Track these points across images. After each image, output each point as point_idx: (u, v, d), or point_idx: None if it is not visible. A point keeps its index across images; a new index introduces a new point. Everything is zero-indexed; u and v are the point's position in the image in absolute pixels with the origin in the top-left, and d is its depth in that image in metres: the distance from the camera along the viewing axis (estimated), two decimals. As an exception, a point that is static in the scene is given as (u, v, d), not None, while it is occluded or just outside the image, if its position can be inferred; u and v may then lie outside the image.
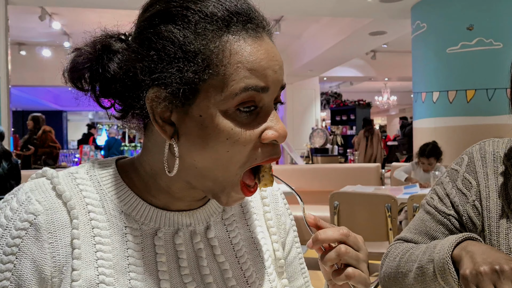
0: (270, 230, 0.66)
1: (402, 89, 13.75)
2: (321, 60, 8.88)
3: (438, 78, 4.86)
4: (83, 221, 0.53)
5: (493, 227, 0.73)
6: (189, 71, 0.48)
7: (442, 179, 0.82)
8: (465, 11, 4.64)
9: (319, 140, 9.07)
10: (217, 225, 0.61)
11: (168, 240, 0.57)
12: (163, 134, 0.52)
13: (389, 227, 2.72)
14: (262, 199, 0.69)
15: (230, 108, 0.49)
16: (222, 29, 0.49)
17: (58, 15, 7.06)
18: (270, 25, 0.54)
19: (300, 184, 4.53)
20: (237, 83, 0.48)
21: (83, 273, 0.51)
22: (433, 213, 0.81)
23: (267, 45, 0.52)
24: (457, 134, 4.70)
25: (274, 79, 0.51)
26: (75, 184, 0.55)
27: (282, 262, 0.66)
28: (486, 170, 0.78)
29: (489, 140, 0.81)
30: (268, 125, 0.51)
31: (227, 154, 0.50)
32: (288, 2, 5.38)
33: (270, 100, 0.52)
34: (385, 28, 6.70)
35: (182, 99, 0.49)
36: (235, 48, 0.49)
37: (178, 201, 0.58)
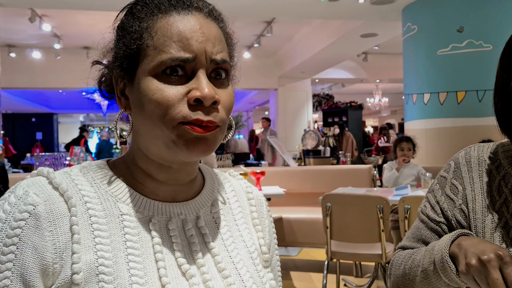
0: (256, 227, 0.70)
1: (393, 90, 13.84)
2: (313, 62, 8.90)
3: (429, 79, 4.89)
4: (80, 210, 0.55)
5: (479, 228, 0.76)
6: (126, 45, 0.58)
7: (433, 186, 0.86)
8: (455, 14, 4.69)
9: (311, 141, 9.08)
10: (207, 217, 0.65)
11: (162, 226, 0.60)
12: (119, 105, 0.61)
13: (381, 228, 2.72)
14: (248, 200, 0.73)
15: (158, 73, 0.56)
16: (154, 11, 0.58)
17: (48, 17, 7.01)
18: (209, 8, 0.61)
19: (292, 186, 4.52)
20: (161, 53, 0.55)
21: (83, 257, 0.53)
22: (426, 221, 0.84)
23: (196, 20, 0.58)
24: (448, 135, 4.73)
25: (198, 48, 0.56)
26: (70, 179, 0.58)
27: (267, 257, 0.69)
28: (472, 174, 0.80)
29: (475, 145, 0.85)
30: (193, 86, 0.56)
31: (156, 109, 0.55)
32: (279, 4, 5.39)
33: (199, 67, 0.56)
34: (376, 30, 6.74)
35: (127, 73, 0.58)
36: (163, 24, 0.57)
37: (164, 185, 0.62)
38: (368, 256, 2.90)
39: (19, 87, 9.95)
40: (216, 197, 0.68)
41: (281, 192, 3.53)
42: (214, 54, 0.57)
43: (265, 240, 0.71)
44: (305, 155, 8.77)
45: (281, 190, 3.63)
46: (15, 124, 14.75)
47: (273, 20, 7.24)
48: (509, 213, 0.74)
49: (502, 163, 0.79)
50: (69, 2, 5.23)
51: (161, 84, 0.55)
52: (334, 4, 5.26)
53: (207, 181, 0.69)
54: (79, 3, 5.29)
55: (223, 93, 0.58)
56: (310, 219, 4.12)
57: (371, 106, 14.23)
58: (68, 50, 8.71)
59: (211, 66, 0.58)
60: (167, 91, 0.55)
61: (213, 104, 0.56)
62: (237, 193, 0.72)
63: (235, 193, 0.72)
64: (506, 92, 0.70)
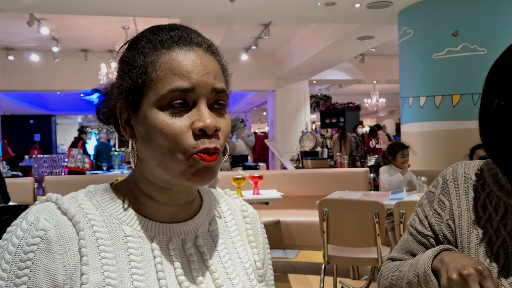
0: (251, 244, 0.75)
1: (390, 91, 13.89)
2: (310, 64, 8.95)
3: (425, 83, 4.94)
4: (88, 233, 0.60)
5: (465, 243, 0.79)
6: (130, 79, 0.62)
7: (422, 201, 0.89)
8: (450, 18, 4.73)
9: (309, 143, 9.13)
10: (205, 235, 0.70)
11: (164, 246, 0.64)
12: (125, 135, 0.65)
13: (377, 233, 2.77)
14: (244, 217, 0.77)
15: (163, 106, 0.60)
16: (157, 46, 0.62)
17: (46, 21, 7.04)
18: (207, 43, 0.66)
19: (289, 189, 4.57)
20: (166, 85, 0.60)
21: (91, 277, 0.57)
22: (415, 234, 0.87)
23: (197, 55, 0.62)
24: (443, 138, 4.79)
25: (200, 81, 0.61)
26: (77, 204, 0.62)
27: (261, 272, 0.74)
28: (458, 191, 0.84)
29: (461, 162, 0.88)
30: (196, 117, 0.60)
31: (165, 142, 0.60)
32: (276, 8, 5.43)
33: (200, 98, 0.61)
34: (372, 33, 6.78)
35: (132, 104, 0.62)
36: (165, 59, 0.61)
37: (164, 206, 0.66)
38: (364, 260, 2.95)
39: (17, 90, 9.96)
40: (213, 216, 0.72)
41: (279, 196, 3.57)
42: (215, 84, 0.62)
43: (259, 256, 0.75)
44: (303, 156, 8.82)
45: (278, 194, 3.68)
46: (13, 126, 14.75)
47: (270, 23, 7.29)
48: (493, 229, 0.77)
49: (487, 181, 0.82)
50: (68, 7, 5.25)
51: (167, 118, 0.59)
52: (330, 8, 5.30)
53: (205, 201, 0.73)
54: (79, 8, 5.32)
55: (222, 121, 0.63)
56: (308, 222, 4.17)
57: (369, 107, 14.28)
58: (66, 52, 8.73)
59: (211, 97, 0.62)
60: (174, 125, 0.59)
61: (215, 132, 0.61)
62: (233, 211, 0.76)
63: (231, 211, 0.76)
64: (488, 117, 0.73)
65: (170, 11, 5.45)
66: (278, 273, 4.05)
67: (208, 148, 0.60)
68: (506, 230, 0.76)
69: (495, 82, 0.72)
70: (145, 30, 0.66)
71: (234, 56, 9.37)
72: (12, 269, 0.55)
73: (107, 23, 7.20)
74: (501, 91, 0.70)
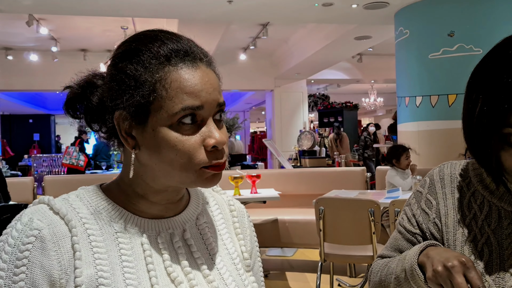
0: (238, 236, 0.79)
1: (388, 90, 13.93)
2: (308, 64, 8.98)
3: (421, 83, 4.99)
4: (80, 231, 0.63)
5: (451, 241, 0.82)
6: (139, 95, 0.62)
7: (410, 200, 0.92)
8: (446, 18, 4.78)
9: (307, 142, 9.17)
10: (192, 229, 0.73)
11: (153, 240, 0.68)
12: (127, 145, 0.66)
13: (372, 231, 2.82)
14: (231, 211, 0.81)
15: (174, 123, 0.62)
16: (164, 63, 0.63)
17: (45, 21, 7.06)
18: (208, 56, 0.68)
19: (287, 188, 4.62)
20: (177, 104, 0.62)
21: (84, 271, 0.60)
22: (403, 232, 0.90)
23: (203, 72, 0.65)
24: (439, 138, 4.83)
25: (208, 98, 0.64)
26: (68, 204, 0.66)
27: (249, 262, 0.78)
28: (445, 190, 0.86)
29: (448, 163, 0.90)
30: (207, 134, 0.64)
31: (177, 158, 0.63)
32: (274, 9, 5.47)
33: (208, 114, 0.64)
34: (370, 33, 6.83)
35: (137, 118, 0.64)
36: (174, 76, 0.63)
37: (155, 205, 0.70)
38: (360, 258, 2.99)
39: (16, 89, 9.98)
40: (200, 211, 0.76)
41: (276, 195, 3.61)
42: (219, 99, 0.66)
43: (247, 247, 0.79)
44: (301, 155, 8.86)
45: (276, 193, 3.72)
46: (12, 125, 14.76)
47: (268, 24, 7.33)
48: (477, 228, 0.80)
49: (472, 181, 0.84)
50: (67, 7, 5.29)
51: (179, 136, 0.62)
52: (327, 9, 5.34)
53: (192, 197, 0.77)
54: (76, 9, 5.36)
55: (224, 133, 0.67)
56: (305, 221, 4.21)
57: (367, 106, 14.32)
58: (65, 52, 8.75)
59: (215, 110, 0.66)
60: (187, 143, 0.63)
61: None
62: (220, 206, 0.80)
63: (218, 206, 0.80)
64: (471, 121, 0.74)
65: (168, 12, 5.48)
66: (275, 271, 4.10)
67: (220, 163, 0.65)
68: (490, 228, 0.79)
69: (477, 87, 0.74)
70: (143, 40, 0.65)
71: (233, 56, 9.40)
72: (9, 267, 0.59)
73: (106, 23, 7.23)
74: (483, 96, 0.71)
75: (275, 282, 3.79)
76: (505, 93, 0.68)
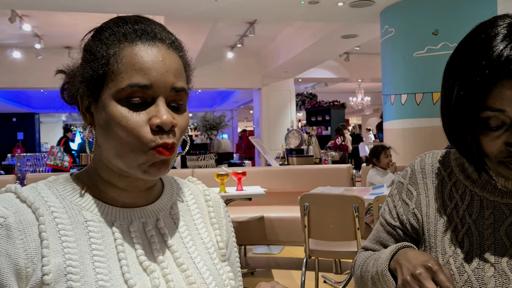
0: (213, 226, 0.78)
1: (375, 89, 14.04)
2: (296, 62, 9.00)
3: (406, 81, 5.03)
4: (48, 219, 0.62)
5: (431, 231, 0.81)
6: (92, 68, 0.63)
7: (392, 191, 0.91)
8: (430, 17, 4.82)
9: (295, 140, 9.17)
10: (166, 218, 0.72)
11: (124, 229, 0.67)
12: (85, 122, 0.67)
13: (356, 226, 2.82)
14: (206, 201, 0.80)
15: (122, 99, 0.62)
16: (120, 39, 0.64)
17: (28, 17, 6.95)
18: (172, 39, 0.67)
19: (273, 185, 4.61)
20: (125, 80, 0.62)
21: (52, 260, 0.59)
22: (384, 224, 0.90)
23: (159, 52, 0.64)
24: (424, 135, 4.88)
25: (159, 79, 0.63)
26: (37, 193, 0.65)
27: (224, 252, 0.77)
28: (426, 180, 0.85)
29: (429, 152, 0.89)
30: (153, 114, 0.63)
31: (123, 135, 0.62)
32: (260, 6, 5.46)
33: (159, 95, 0.63)
34: (356, 32, 6.86)
35: (93, 93, 0.64)
36: (128, 51, 0.63)
37: (124, 192, 0.69)
38: (345, 254, 3.00)
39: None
40: (175, 201, 0.75)
41: (262, 192, 3.60)
42: (174, 83, 0.64)
43: (222, 237, 0.78)
44: (288, 154, 8.87)
45: (262, 190, 3.71)
46: (-4, 123, 14.52)
47: (255, 21, 7.31)
48: (458, 218, 0.79)
49: (453, 170, 0.83)
50: (50, 3, 5.21)
51: (125, 111, 0.62)
52: (314, 6, 5.35)
53: (166, 187, 0.76)
54: (60, 5, 5.28)
55: (180, 118, 0.65)
56: (291, 218, 4.21)
57: (354, 105, 14.41)
58: (49, 50, 8.63)
59: (170, 95, 0.64)
60: (131, 119, 0.62)
61: (171, 128, 0.63)
62: (195, 196, 0.79)
63: (193, 196, 0.79)
64: (449, 108, 0.74)
65: (154, 9, 5.44)
66: (261, 268, 4.09)
67: (167, 143, 0.63)
68: (471, 218, 0.78)
69: (452, 74, 0.73)
70: (110, 21, 0.67)
71: (220, 54, 9.37)
72: None
73: (91, 20, 7.03)
74: (459, 82, 0.71)
75: (260, 280, 3.78)
76: (480, 76, 0.67)
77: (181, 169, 6.01)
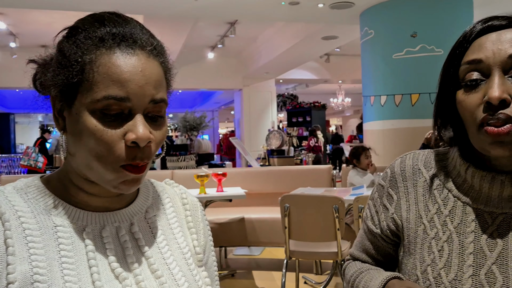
0: (190, 230, 0.76)
1: (356, 91, 14.18)
2: (277, 63, 9.01)
3: (386, 82, 5.08)
4: (14, 225, 0.59)
5: (411, 237, 0.78)
6: (66, 75, 0.59)
7: (373, 194, 0.88)
8: (409, 19, 4.89)
9: (276, 141, 9.20)
10: (141, 223, 0.69)
11: (96, 234, 0.64)
12: (57, 126, 0.64)
13: (337, 227, 2.82)
14: (183, 205, 0.78)
15: (97, 110, 0.58)
16: (97, 45, 0.59)
17: (3, 15, 6.77)
18: (153, 45, 0.62)
19: (254, 186, 4.59)
20: (101, 91, 0.58)
21: (18, 267, 0.56)
22: (367, 231, 0.88)
23: (139, 61, 0.60)
24: (403, 136, 4.94)
25: (138, 91, 0.59)
26: (4, 197, 0.61)
27: (201, 257, 0.75)
28: (406, 183, 0.81)
29: (410, 153, 0.85)
30: (129, 128, 0.59)
31: (96, 148, 0.59)
32: (241, 6, 5.44)
33: (136, 108, 0.59)
34: (336, 33, 6.91)
35: (66, 99, 0.60)
36: (105, 60, 0.58)
37: (95, 197, 0.66)
38: (325, 254, 3.00)
39: (-28, 87, 9.53)
40: (150, 204, 0.72)
41: (242, 193, 3.58)
42: (154, 95, 0.60)
43: (199, 241, 0.76)
44: (269, 155, 8.88)
45: (242, 191, 3.68)
46: (-31, 124, 14.10)
47: (236, 22, 7.29)
48: (440, 224, 0.75)
49: (436, 173, 0.79)
50: (25, 1, 5.08)
51: (99, 124, 0.58)
52: (294, 7, 5.36)
53: (141, 190, 0.73)
54: (35, 3, 5.15)
55: (157, 131, 0.62)
56: (272, 219, 4.19)
57: (335, 106, 14.53)
58: (24, 48, 8.41)
59: (149, 107, 0.61)
60: (106, 133, 0.58)
61: (148, 143, 0.60)
62: (172, 199, 0.77)
63: (170, 199, 0.76)
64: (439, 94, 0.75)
65: (132, 7, 5.36)
66: (242, 270, 4.06)
67: (137, 162, 0.60)
68: (452, 225, 0.74)
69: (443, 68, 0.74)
70: (86, 20, 0.62)
71: (200, 54, 9.31)
72: None
73: (67, 18, 6.88)
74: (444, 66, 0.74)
75: (241, 282, 3.76)
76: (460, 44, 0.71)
77: (161, 170, 5.94)
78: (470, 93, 0.68)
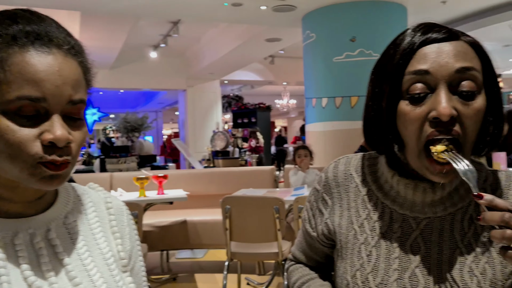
0: (115, 235, 0.73)
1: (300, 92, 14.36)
2: (221, 64, 8.99)
3: (326, 85, 5.22)
4: None
5: (343, 242, 0.79)
6: None
7: (310, 197, 0.88)
8: (348, 24, 5.05)
9: (220, 143, 9.16)
10: (59, 229, 0.66)
11: (8, 242, 0.60)
12: None
13: (277, 228, 2.85)
14: (107, 209, 0.75)
15: (10, 111, 0.55)
16: (10, 43, 0.56)
17: None
18: (71, 44, 0.60)
19: (196, 188, 4.53)
20: (14, 91, 0.55)
21: None
22: (305, 233, 0.89)
23: (56, 60, 0.57)
24: (343, 137, 5.09)
25: (55, 91, 0.56)
26: None
27: (125, 262, 0.72)
28: (339, 189, 0.82)
29: (344, 157, 0.86)
30: (46, 128, 0.57)
31: (8, 150, 0.56)
32: (183, 5, 5.36)
33: (55, 108, 0.57)
34: (280, 35, 7.00)
35: None
36: (18, 59, 0.55)
37: (7, 202, 0.62)
38: (266, 255, 3.02)
39: None
40: (70, 209, 0.69)
41: (183, 195, 3.52)
42: (72, 96, 0.58)
43: (125, 246, 0.73)
44: (214, 156, 8.82)
45: (183, 193, 3.62)
46: None
47: (179, 21, 7.18)
48: (369, 229, 0.77)
49: (366, 179, 0.80)
50: None
51: (12, 125, 0.55)
52: (237, 9, 5.36)
53: (61, 195, 0.70)
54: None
55: (77, 132, 0.60)
56: (214, 221, 4.16)
57: (280, 108, 14.73)
58: None
59: (67, 107, 0.58)
60: (19, 132, 0.55)
61: (67, 143, 0.58)
62: (95, 204, 0.74)
63: (92, 203, 0.73)
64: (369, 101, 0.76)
65: (70, 3, 5.11)
66: (184, 273, 3.99)
67: (56, 160, 0.57)
68: (380, 231, 0.76)
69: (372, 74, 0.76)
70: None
71: (142, 53, 9.08)
72: None
73: None
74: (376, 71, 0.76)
75: (182, 285, 3.69)
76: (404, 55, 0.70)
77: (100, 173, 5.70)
78: (415, 106, 0.67)
